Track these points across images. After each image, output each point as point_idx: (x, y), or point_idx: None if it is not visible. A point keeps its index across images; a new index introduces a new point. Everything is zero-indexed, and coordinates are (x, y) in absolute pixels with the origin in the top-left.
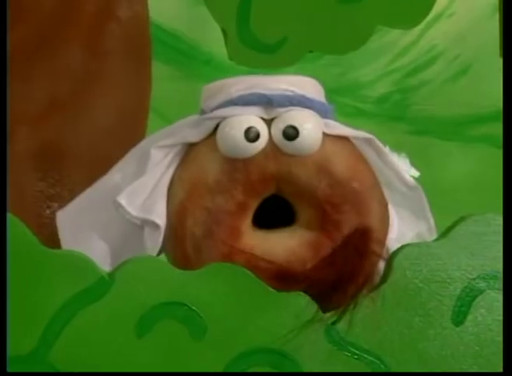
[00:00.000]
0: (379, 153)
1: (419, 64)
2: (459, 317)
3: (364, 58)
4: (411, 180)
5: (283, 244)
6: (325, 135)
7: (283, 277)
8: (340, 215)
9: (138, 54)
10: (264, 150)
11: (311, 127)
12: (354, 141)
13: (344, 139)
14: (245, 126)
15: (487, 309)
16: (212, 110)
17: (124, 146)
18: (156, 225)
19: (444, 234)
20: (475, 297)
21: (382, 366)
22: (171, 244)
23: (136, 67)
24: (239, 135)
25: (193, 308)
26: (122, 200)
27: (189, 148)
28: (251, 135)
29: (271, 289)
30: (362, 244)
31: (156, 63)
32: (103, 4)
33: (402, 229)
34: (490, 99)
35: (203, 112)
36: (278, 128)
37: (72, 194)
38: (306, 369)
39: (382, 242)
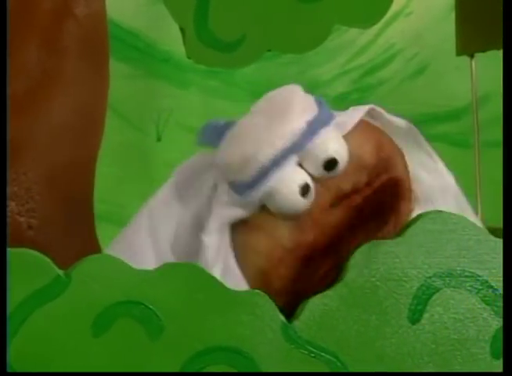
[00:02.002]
0: (380, 115)
1: (377, 63)
2: (415, 315)
3: (322, 57)
4: (403, 122)
5: None
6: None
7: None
8: (376, 179)
9: (95, 52)
10: (314, 190)
11: (341, 147)
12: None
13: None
14: (296, 187)
15: (443, 307)
16: (249, 183)
17: (81, 145)
18: None
19: (400, 232)
20: (431, 295)
21: (339, 364)
22: None
23: (93, 66)
24: (295, 197)
25: (150, 307)
26: None
27: (239, 222)
28: (306, 190)
29: (228, 287)
30: (396, 190)
31: (114, 62)
32: (60, 1)
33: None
34: (447, 98)
35: (234, 185)
36: (316, 165)
37: (29, 193)
38: (263, 368)
39: (408, 189)
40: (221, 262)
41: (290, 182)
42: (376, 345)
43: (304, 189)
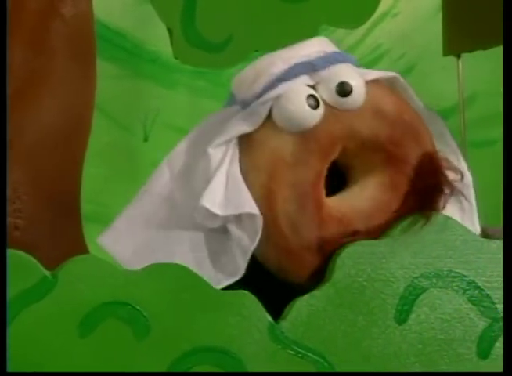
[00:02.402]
0: (404, 88)
1: (364, 63)
2: (402, 316)
3: None
4: (430, 110)
5: (362, 196)
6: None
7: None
8: (404, 149)
9: (82, 52)
10: (324, 115)
11: (357, 79)
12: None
13: (377, 81)
14: (304, 96)
15: (430, 307)
16: (259, 95)
17: (68, 145)
18: (250, 216)
19: (387, 233)
20: (418, 295)
21: (326, 364)
22: (263, 230)
23: (81, 66)
24: (302, 106)
25: (137, 307)
26: (206, 203)
27: (246, 138)
28: (313, 102)
29: (214, 288)
30: (433, 168)
31: (101, 62)
32: (47, 2)
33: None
34: (434, 98)
35: (243, 102)
36: (329, 89)
37: (16, 193)
38: (250, 368)
39: (445, 159)
40: (223, 173)
41: (298, 92)
42: (362, 345)
43: (312, 100)
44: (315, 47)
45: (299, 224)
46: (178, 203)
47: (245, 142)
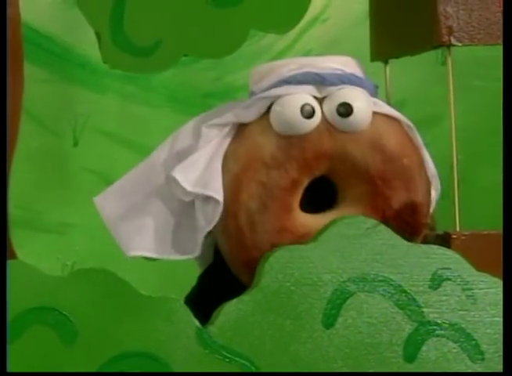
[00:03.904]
0: (418, 139)
1: None
2: (329, 320)
3: (240, 62)
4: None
5: None
6: (374, 113)
7: None
8: (391, 190)
9: (9, 56)
10: (318, 128)
11: (363, 104)
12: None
13: (391, 118)
14: (300, 103)
15: (357, 311)
16: (264, 90)
17: None
18: (214, 201)
19: (315, 237)
20: (345, 299)
21: (253, 368)
22: (223, 218)
23: (8, 69)
24: (295, 111)
25: (64, 313)
26: (177, 175)
27: (241, 127)
28: (307, 112)
29: (142, 293)
30: (412, 219)
31: (29, 66)
32: None
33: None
34: None
35: (252, 94)
36: (331, 106)
37: None
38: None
39: (428, 214)
40: (207, 153)
41: (296, 98)
42: (290, 349)
43: (307, 109)
44: (337, 64)
45: (258, 223)
46: (164, 173)
47: (239, 131)
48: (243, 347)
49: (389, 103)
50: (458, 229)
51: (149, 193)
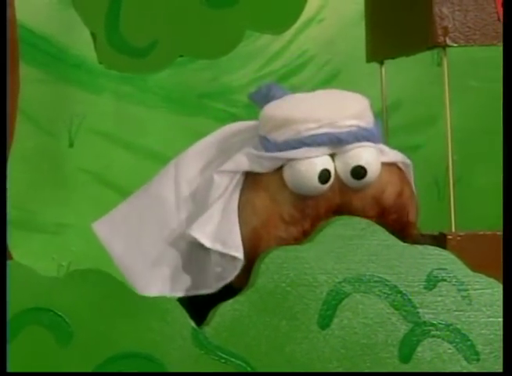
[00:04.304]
0: (410, 174)
1: (290, 69)
2: (325, 320)
3: (236, 63)
4: None
5: None
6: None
7: None
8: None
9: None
10: (331, 187)
11: (374, 165)
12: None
13: (392, 165)
14: (319, 169)
15: (352, 312)
16: (279, 144)
17: None
18: (235, 259)
19: (311, 238)
20: (341, 300)
21: (249, 369)
22: (242, 269)
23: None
24: (313, 177)
25: (59, 313)
26: (194, 232)
27: (254, 174)
28: (324, 177)
29: (137, 294)
30: (403, 232)
31: (25, 66)
32: None
33: None
34: None
35: (264, 140)
36: (346, 167)
37: None
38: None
39: (415, 226)
40: (221, 203)
41: (314, 164)
42: (286, 350)
43: (324, 175)
44: (354, 117)
45: None
46: (174, 210)
47: (252, 179)
48: (238, 347)
49: (385, 104)
50: (454, 229)
51: (157, 231)
